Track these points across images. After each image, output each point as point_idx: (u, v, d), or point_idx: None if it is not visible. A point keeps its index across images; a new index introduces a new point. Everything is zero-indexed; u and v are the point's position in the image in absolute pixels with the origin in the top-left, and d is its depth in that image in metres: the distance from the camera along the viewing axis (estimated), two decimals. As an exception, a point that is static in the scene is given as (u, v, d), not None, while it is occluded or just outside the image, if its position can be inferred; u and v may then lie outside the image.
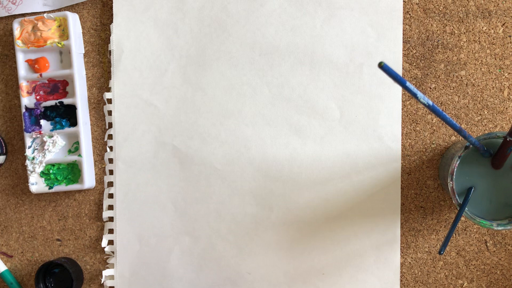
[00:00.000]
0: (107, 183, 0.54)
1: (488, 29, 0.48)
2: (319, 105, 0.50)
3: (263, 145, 0.51)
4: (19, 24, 0.53)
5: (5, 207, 0.56)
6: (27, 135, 0.54)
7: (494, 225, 0.40)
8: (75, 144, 0.54)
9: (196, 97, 0.52)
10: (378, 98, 0.49)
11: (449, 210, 0.49)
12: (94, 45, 0.54)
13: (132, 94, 0.53)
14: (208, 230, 0.52)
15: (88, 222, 0.55)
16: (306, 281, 0.51)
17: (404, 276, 0.50)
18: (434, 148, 0.49)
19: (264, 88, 0.51)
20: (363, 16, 0.49)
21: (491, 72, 0.48)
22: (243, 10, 0.51)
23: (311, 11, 0.50)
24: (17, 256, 0.56)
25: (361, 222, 0.50)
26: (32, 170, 0.53)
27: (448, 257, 0.49)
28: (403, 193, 0.49)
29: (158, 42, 0.52)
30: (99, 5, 0.54)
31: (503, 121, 0.48)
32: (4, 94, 0.56)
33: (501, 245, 0.48)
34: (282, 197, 0.51)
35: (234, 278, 0.52)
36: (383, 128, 0.49)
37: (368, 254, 0.50)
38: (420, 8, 0.49)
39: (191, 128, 0.52)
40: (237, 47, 0.51)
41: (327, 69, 0.50)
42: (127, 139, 0.53)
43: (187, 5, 0.52)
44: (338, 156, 0.50)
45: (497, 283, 0.49)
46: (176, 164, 0.52)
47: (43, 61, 0.54)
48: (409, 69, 0.49)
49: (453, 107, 0.48)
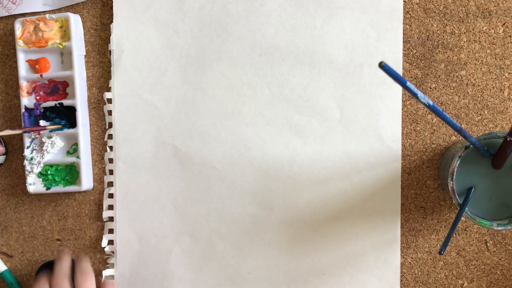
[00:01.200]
0: (107, 183, 0.54)
1: (488, 29, 0.48)
2: (319, 105, 0.50)
3: (263, 145, 0.51)
4: (20, 24, 0.53)
5: (5, 207, 0.56)
6: (26, 136, 0.54)
7: (494, 225, 0.40)
8: (73, 146, 0.54)
9: (196, 97, 0.52)
10: (378, 98, 0.49)
11: (449, 210, 0.49)
12: (94, 45, 0.54)
13: (132, 94, 0.53)
14: (208, 230, 0.52)
15: (88, 222, 0.55)
16: (306, 281, 0.51)
17: (404, 276, 0.50)
18: (434, 148, 0.49)
19: (264, 88, 0.51)
20: (363, 16, 0.49)
21: (491, 72, 0.48)
22: (243, 10, 0.51)
23: (311, 11, 0.50)
24: (17, 256, 0.56)
25: (361, 222, 0.50)
26: (30, 171, 0.53)
27: (448, 257, 0.49)
28: (403, 193, 0.49)
29: (158, 42, 0.52)
30: (99, 5, 0.54)
31: (503, 121, 0.48)
32: (4, 94, 0.56)
33: (501, 245, 0.48)
34: (282, 197, 0.51)
35: (234, 278, 0.52)
36: (383, 128, 0.49)
37: (368, 254, 0.50)
38: (420, 8, 0.49)
39: (191, 128, 0.52)
40: (237, 47, 0.51)
41: (327, 69, 0.50)
42: (127, 139, 0.53)
43: (187, 5, 0.52)
44: (338, 156, 0.50)
45: (497, 283, 0.49)
46: (176, 164, 0.52)
47: (44, 61, 0.54)
48: (409, 69, 0.49)
49: (453, 107, 0.48)
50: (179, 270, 0.53)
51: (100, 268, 0.54)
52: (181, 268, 0.53)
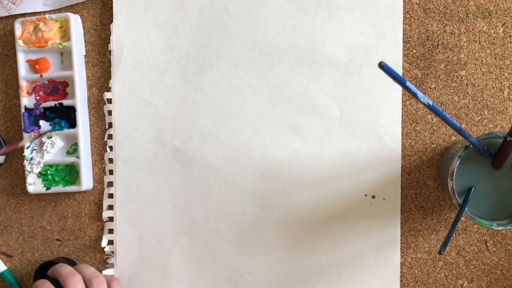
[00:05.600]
0: (107, 183, 0.54)
1: (488, 29, 0.48)
2: (319, 105, 0.50)
3: (263, 145, 0.51)
4: (20, 24, 0.53)
5: (5, 207, 0.56)
6: (26, 136, 0.54)
7: (494, 225, 0.40)
8: (73, 146, 0.54)
9: (196, 97, 0.52)
10: (378, 98, 0.49)
11: (449, 210, 0.49)
12: (94, 45, 0.54)
13: (132, 94, 0.53)
14: (208, 230, 0.52)
15: (88, 222, 0.55)
16: (306, 281, 0.51)
17: (404, 276, 0.50)
18: (434, 148, 0.49)
19: (264, 88, 0.51)
20: (363, 16, 0.49)
21: (491, 72, 0.48)
22: (243, 10, 0.51)
23: (311, 11, 0.50)
24: (17, 256, 0.56)
25: (361, 222, 0.50)
26: (30, 171, 0.53)
27: (448, 257, 0.49)
28: (403, 193, 0.49)
29: (158, 42, 0.52)
30: (99, 5, 0.54)
31: (503, 121, 0.48)
32: (4, 94, 0.56)
33: (501, 245, 0.48)
34: (282, 197, 0.51)
35: (234, 278, 0.52)
36: (383, 128, 0.49)
37: (368, 254, 0.50)
38: (420, 8, 0.49)
39: (191, 128, 0.52)
40: (237, 47, 0.51)
41: (327, 69, 0.50)
42: (127, 139, 0.53)
43: (187, 5, 0.52)
44: (338, 156, 0.50)
45: (497, 283, 0.49)
46: (176, 164, 0.52)
47: (44, 61, 0.54)
48: (409, 69, 0.49)
49: (453, 107, 0.48)
50: (179, 270, 0.53)
51: (100, 268, 0.54)
52: (181, 268, 0.53)
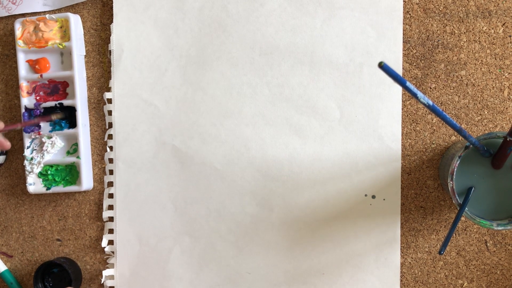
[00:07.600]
0: (107, 183, 0.54)
1: (488, 29, 0.48)
2: (319, 105, 0.50)
3: (263, 145, 0.51)
4: (20, 24, 0.53)
5: (5, 207, 0.56)
6: (26, 136, 0.54)
7: (494, 225, 0.40)
8: (73, 146, 0.54)
9: (196, 97, 0.52)
10: (378, 98, 0.49)
11: (449, 210, 0.49)
12: (94, 45, 0.54)
13: (132, 94, 0.53)
14: (208, 230, 0.52)
15: (88, 222, 0.55)
16: (306, 281, 0.51)
17: (404, 276, 0.50)
18: (434, 148, 0.49)
19: (264, 88, 0.51)
20: (363, 16, 0.49)
21: (491, 72, 0.48)
22: (243, 10, 0.51)
23: (311, 11, 0.50)
24: (17, 256, 0.56)
25: (361, 222, 0.50)
26: (30, 171, 0.53)
27: (448, 257, 0.49)
28: (403, 193, 0.49)
29: (158, 42, 0.52)
30: (99, 5, 0.54)
31: (503, 121, 0.48)
32: (4, 94, 0.56)
33: (501, 245, 0.48)
34: (282, 197, 0.51)
35: (234, 278, 0.52)
36: (383, 128, 0.49)
37: (368, 254, 0.50)
38: (420, 8, 0.49)
39: (191, 128, 0.52)
40: (237, 47, 0.51)
41: (327, 69, 0.50)
42: (127, 139, 0.53)
43: (187, 5, 0.52)
44: (338, 156, 0.50)
45: (497, 283, 0.49)
46: (176, 164, 0.52)
47: (44, 61, 0.54)
48: (409, 69, 0.49)
49: (453, 107, 0.48)
50: (179, 270, 0.53)
51: (100, 268, 0.54)
52: (181, 268, 0.53)
